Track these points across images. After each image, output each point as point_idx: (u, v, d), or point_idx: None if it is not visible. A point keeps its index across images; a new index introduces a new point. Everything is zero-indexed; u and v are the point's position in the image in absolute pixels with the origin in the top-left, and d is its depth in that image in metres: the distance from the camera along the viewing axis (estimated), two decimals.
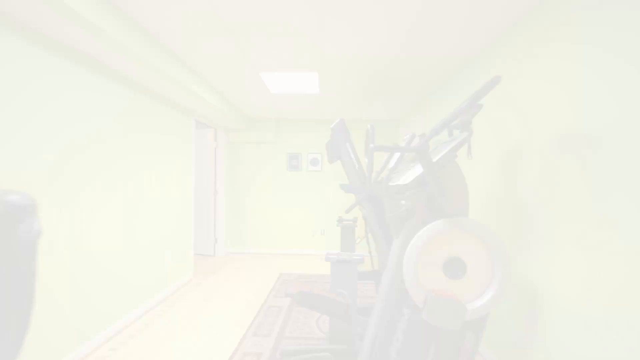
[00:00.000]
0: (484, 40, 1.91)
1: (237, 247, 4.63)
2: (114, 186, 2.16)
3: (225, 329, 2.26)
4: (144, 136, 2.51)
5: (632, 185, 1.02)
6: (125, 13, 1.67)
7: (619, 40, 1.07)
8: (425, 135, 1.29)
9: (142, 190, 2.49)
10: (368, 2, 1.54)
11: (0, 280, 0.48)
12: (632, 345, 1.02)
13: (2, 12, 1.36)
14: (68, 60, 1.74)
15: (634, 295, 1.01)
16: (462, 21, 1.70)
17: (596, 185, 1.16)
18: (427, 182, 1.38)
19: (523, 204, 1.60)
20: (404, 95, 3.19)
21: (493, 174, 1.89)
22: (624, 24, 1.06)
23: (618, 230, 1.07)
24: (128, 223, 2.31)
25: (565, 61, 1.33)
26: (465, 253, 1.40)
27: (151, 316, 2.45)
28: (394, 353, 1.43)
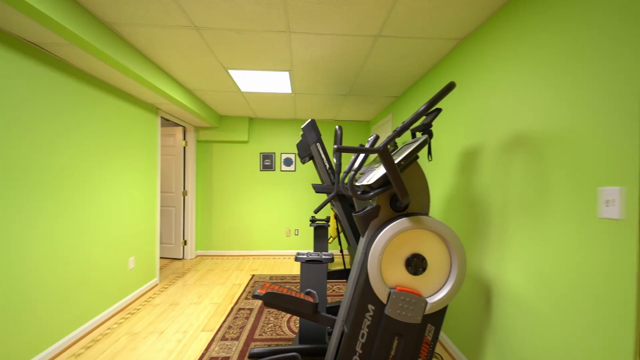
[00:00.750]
0: (444, 48, 2.02)
1: (209, 250, 4.48)
2: (61, 187, 2.01)
3: (193, 333, 2.19)
4: (100, 133, 2.36)
5: (570, 182, 1.13)
6: (75, 1, 1.56)
7: (559, 54, 1.18)
8: (388, 137, 1.34)
9: (98, 192, 2.34)
10: (331, 8, 1.57)
11: None
12: (569, 328, 1.13)
13: None
14: (10, 51, 1.60)
15: (571, 284, 1.12)
16: (422, 31, 1.78)
17: (541, 184, 1.27)
18: (390, 182, 1.43)
19: (478, 202, 1.71)
20: (374, 98, 3.27)
21: (453, 174, 2.00)
22: (565, 39, 1.17)
23: (558, 225, 1.18)
24: (80, 227, 2.15)
25: (513, 72, 1.43)
26: (426, 250, 1.47)
27: (112, 323, 2.31)
28: (358, 348, 1.46)
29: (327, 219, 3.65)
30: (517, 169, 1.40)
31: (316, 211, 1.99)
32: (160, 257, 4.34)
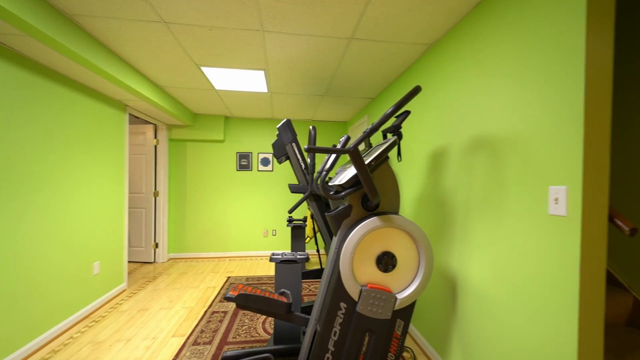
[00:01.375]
0: (415, 53, 2.09)
1: (182, 252, 4.33)
2: (15, 189, 1.86)
3: (163, 339, 2.11)
4: (59, 130, 2.21)
5: (524, 181, 1.21)
6: None
7: (515, 63, 1.27)
8: (358, 138, 1.37)
9: (58, 193, 2.19)
10: (304, 9, 1.57)
11: None
12: (523, 316, 1.21)
13: None
14: None
15: (525, 276, 1.21)
16: (394, 35, 1.83)
17: (499, 183, 1.35)
18: (360, 182, 1.46)
19: (445, 202, 1.79)
20: (351, 99, 3.32)
21: (423, 174, 2.08)
22: (521, 49, 1.25)
23: (514, 222, 1.26)
24: (37, 231, 2.01)
25: (475, 78, 1.52)
26: (396, 247, 1.52)
27: (75, 332, 2.17)
28: (331, 346, 1.48)
29: (304, 219, 3.65)
30: (479, 170, 1.48)
31: (290, 211, 1.99)
32: (129, 261, 4.13)
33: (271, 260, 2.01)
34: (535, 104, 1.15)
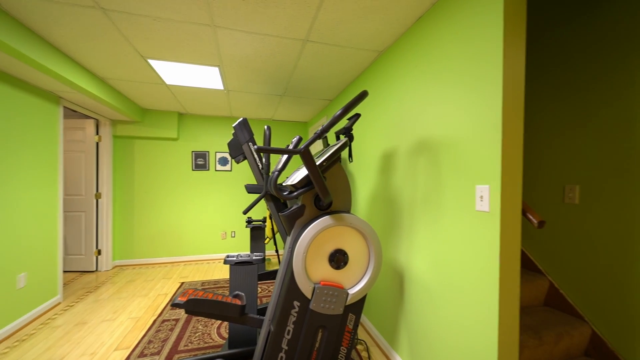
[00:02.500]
0: (368, 58, 2.19)
1: (130, 259, 4.00)
2: None
3: (103, 354, 1.93)
4: None
5: (457, 180, 1.34)
6: None
7: (449, 72, 1.39)
8: (309, 139, 1.39)
9: None
10: (256, 7, 1.56)
11: None
12: (457, 303, 1.34)
13: None
14: None
15: (458, 267, 1.33)
16: (347, 41, 1.90)
17: (437, 182, 1.48)
18: (313, 182, 1.49)
19: (394, 200, 1.90)
20: (310, 100, 3.35)
21: (375, 175, 2.18)
22: (452, 61, 1.38)
23: (449, 218, 1.39)
24: None
25: (418, 85, 1.64)
26: (348, 245, 1.58)
27: None
28: (284, 345, 1.49)
29: (264, 220, 3.61)
30: (422, 170, 1.60)
31: (245, 212, 1.96)
32: (66, 271, 3.71)
33: (225, 262, 1.95)
34: (465, 112, 1.28)
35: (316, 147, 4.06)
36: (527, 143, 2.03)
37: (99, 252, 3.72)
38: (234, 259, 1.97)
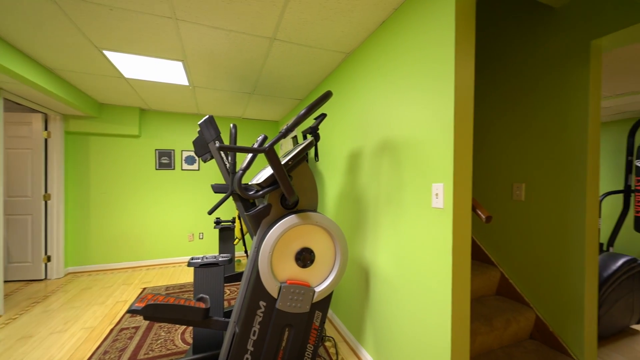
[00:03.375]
0: (336, 59, 2.22)
1: (85, 265, 3.71)
2: None
3: None
4: None
5: (416, 179, 1.41)
6: None
7: (409, 80, 1.46)
8: (274, 138, 1.39)
9: None
10: (220, 3, 1.53)
11: None
12: (416, 296, 1.41)
13: None
14: None
15: (417, 261, 1.40)
16: (315, 41, 1.92)
17: (399, 181, 1.54)
18: (278, 181, 1.49)
19: (360, 199, 1.96)
20: (280, 99, 3.33)
21: (343, 175, 2.23)
22: (411, 64, 1.44)
23: (409, 215, 1.46)
24: None
25: (382, 87, 1.70)
26: (314, 243, 1.60)
27: None
28: (250, 346, 1.48)
29: (233, 220, 3.52)
30: (385, 169, 1.67)
31: (210, 212, 1.90)
32: (8, 281, 3.35)
33: (189, 265, 1.88)
34: (423, 114, 1.35)
35: (289, 147, 4.04)
36: (481, 144, 2.18)
37: (49, 259, 3.41)
38: (199, 261, 1.91)
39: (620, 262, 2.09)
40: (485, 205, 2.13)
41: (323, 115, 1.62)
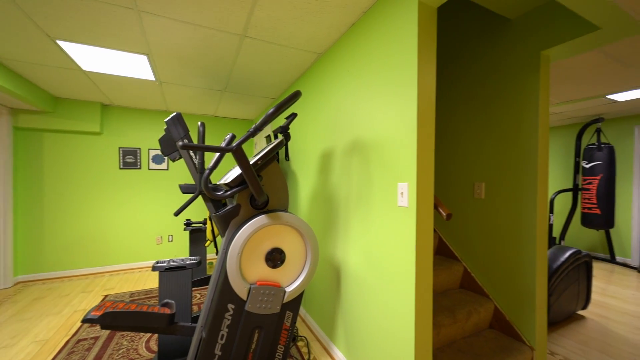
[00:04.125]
0: (309, 59, 2.22)
1: (38, 272, 3.41)
2: None
3: None
4: None
5: (383, 178, 1.45)
6: None
7: (378, 83, 1.50)
8: (242, 137, 1.36)
9: None
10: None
11: None
12: (385, 292, 1.45)
13: None
14: None
15: (385, 258, 1.44)
16: (287, 40, 1.91)
17: (368, 180, 1.57)
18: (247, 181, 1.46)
19: (332, 198, 1.98)
20: (253, 97, 3.27)
21: (316, 174, 2.24)
22: (377, 68, 1.48)
23: (377, 213, 1.50)
24: None
25: (353, 88, 1.73)
26: (285, 243, 1.59)
27: None
28: (217, 351, 1.44)
29: (204, 221, 3.41)
30: (355, 169, 1.70)
31: (176, 213, 1.82)
32: None
33: (154, 269, 1.80)
34: (389, 116, 1.39)
35: (263, 147, 3.98)
36: (446, 146, 2.29)
37: None
38: (164, 264, 1.83)
39: (567, 254, 2.29)
40: (449, 203, 2.24)
41: (294, 115, 1.62)
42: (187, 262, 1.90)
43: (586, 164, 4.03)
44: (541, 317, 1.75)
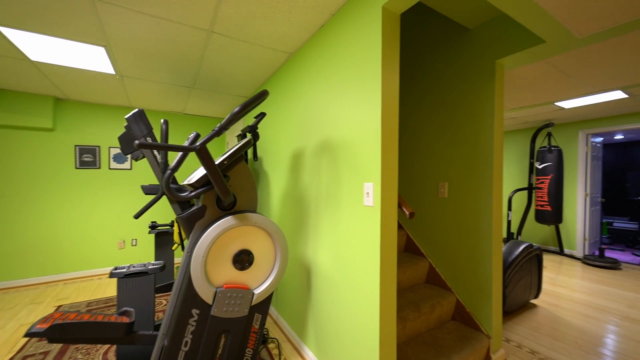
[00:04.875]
0: (279, 58, 2.21)
1: None
2: None
3: None
4: None
5: (351, 178, 1.47)
6: None
7: (345, 85, 1.52)
8: (206, 136, 1.32)
9: None
10: None
11: None
12: (352, 289, 1.47)
13: None
14: None
15: (352, 257, 1.47)
16: (256, 38, 1.88)
17: (337, 180, 1.59)
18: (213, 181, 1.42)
19: (302, 198, 1.98)
20: (223, 95, 3.18)
21: (287, 174, 2.22)
22: (347, 71, 1.50)
23: (345, 213, 1.52)
24: None
25: (323, 88, 1.74)
26: (253, 244, 1.56)
27: None
28: (180, 358, 1.38)
29: (171, 224, 3.26)
30: (325, 169, 1.71)
31: (136, 216, 1.73)
32: None
33: (112, 275, 1.68)
34: (356, 117, 1.42)
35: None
36: (412, 148, 2.38)
37: None
38: (123, 270, 1.72)
39: (520, 248, 2.48)
40: (417, 202, 2.34)
41: (262, 114, 1.60)
42: (150, 267, 1.81)
43: (539, 165, 4.40)
44: (497, 307, 1.88)
